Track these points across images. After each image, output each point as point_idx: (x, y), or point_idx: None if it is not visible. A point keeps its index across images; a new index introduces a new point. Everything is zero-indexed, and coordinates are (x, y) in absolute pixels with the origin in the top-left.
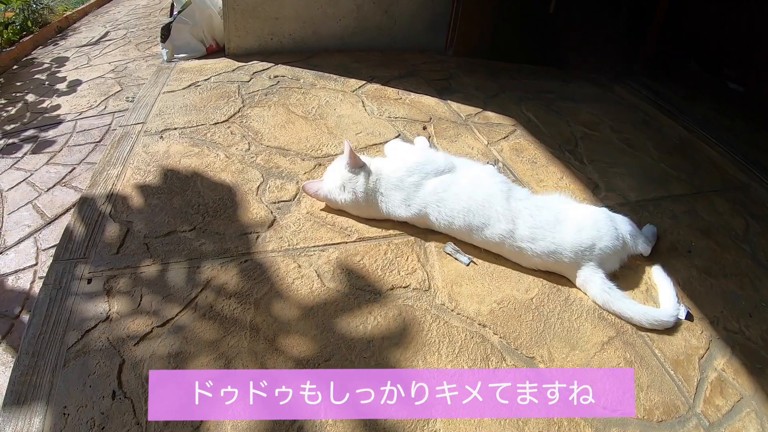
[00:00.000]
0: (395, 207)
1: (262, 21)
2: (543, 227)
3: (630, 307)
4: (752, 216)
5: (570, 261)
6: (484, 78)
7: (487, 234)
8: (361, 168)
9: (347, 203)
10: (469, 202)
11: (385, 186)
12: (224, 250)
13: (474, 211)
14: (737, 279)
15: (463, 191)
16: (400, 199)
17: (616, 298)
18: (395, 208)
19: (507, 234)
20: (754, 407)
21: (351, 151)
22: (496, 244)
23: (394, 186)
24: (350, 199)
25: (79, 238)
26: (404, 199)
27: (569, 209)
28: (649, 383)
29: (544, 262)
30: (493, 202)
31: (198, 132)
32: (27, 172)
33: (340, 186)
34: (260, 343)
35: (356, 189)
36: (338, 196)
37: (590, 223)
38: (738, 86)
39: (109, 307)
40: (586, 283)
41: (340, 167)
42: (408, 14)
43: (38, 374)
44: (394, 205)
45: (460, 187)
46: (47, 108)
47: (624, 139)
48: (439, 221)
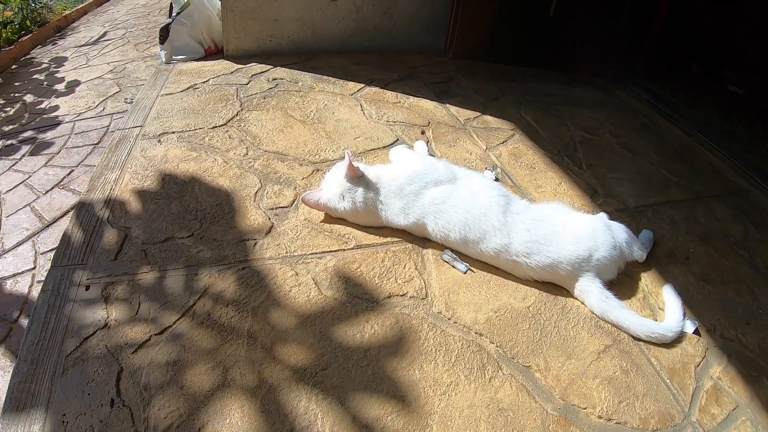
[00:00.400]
0: (394, 215)
1: (261, 23)
2: (539, 241)
3: (627, 318)
4: (752, 222)
5: (567, 273)
6: (484, 81)
7: (483, 248)
8: (359, 178)
9: (347, 212)
10: (465, 215)
11: (384, 194)
12: (222, 257)
13: (470, 225)
14: (735, 286)
15: (461, 203)
16: (399, 207)
17: (613, 308)
18: (394, 216)
19: (502, 248)
20: (750, 416)
21: (350, 164)
22: (491, 257)
23: (393, 194)
24: (350, 208)
25: (77, 244)
26: (403, 208)
27: (567, 220)
28: (644, 392)
29: (540, 274)
30: (490, 215)
31: (196, 136)
32: (25, 174)
33: (339, 195)
34: (258, 352)
35: (355, 198)
36: (338, 204)
37: (587, 233)
38: (738, 89)
39: (108, 315)
40: (584, 293)
41: (339, 176)
42: (407, 16)
43: (37, 381)
44: (393, 213)
45: (459, 198)
46: (45, 109)
47: (624, 143)
48: (435, 232)
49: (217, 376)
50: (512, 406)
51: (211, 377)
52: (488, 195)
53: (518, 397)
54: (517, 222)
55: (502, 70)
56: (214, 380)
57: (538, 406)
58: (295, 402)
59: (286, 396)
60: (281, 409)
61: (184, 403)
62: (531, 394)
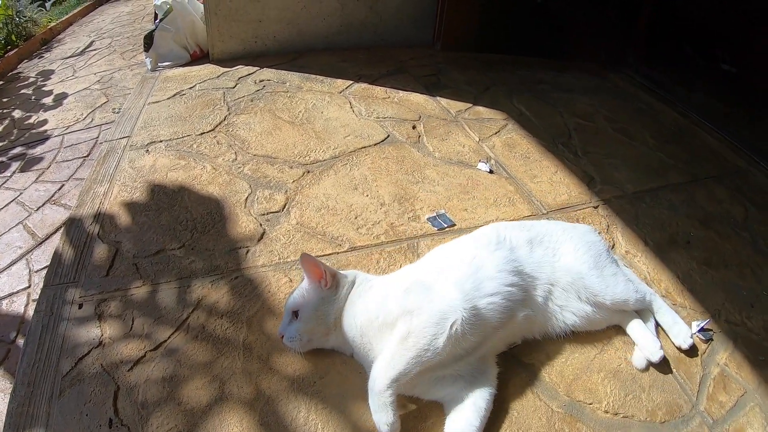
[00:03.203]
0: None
1: (245, 24)
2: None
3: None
4: (752, 203)
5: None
6: (474, 72)
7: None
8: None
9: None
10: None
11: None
12: (214, 267)
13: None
14: (738, 269)
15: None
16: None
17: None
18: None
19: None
20: (758, 401)
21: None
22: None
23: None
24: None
25: (69, 262)
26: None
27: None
28: (651, 383)
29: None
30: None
31: (184, 143)
32: (16, 192)
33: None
34: (254, 363)
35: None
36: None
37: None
38: (731, 67)
39: (102, 332)
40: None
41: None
42: (393, 9)
43: (35, 404)
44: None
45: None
46: (34, 124)
47: (619, 128)
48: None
49: (214, 390)
50: (516, 405)
51: (208, 391)
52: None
53: (522, 395)
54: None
55: (493, 59)
56: (212, 394)
57: (543, 404)
58: (295, 413)
59: (285, 407)
60: (280, 420)
61: (182, 419)
62: (535, 392)
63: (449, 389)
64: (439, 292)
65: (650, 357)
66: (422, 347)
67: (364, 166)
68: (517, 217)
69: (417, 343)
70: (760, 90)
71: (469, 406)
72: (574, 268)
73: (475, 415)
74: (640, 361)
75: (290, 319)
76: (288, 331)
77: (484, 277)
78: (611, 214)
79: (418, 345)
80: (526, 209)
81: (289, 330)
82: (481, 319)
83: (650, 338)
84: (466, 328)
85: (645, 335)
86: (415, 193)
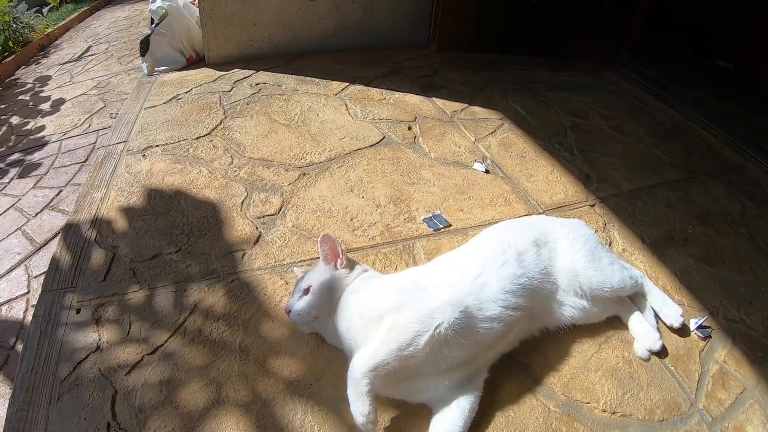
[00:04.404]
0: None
1: (241, 27)
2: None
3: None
4: (749, 198)
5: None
6: (469, 72)
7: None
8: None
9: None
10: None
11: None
12: (210, 271)
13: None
14: (736, 265)
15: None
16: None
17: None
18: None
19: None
20: (758, 398)
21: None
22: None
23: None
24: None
25: (66, 267)
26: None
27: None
28: (649, 381)
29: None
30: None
31: (180, 148)
32: (14, 198)
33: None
34: (250, 366)
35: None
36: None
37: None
38: (727, 63)
39: (99, 337)
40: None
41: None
42: (388, 10)
43: (34, 409)
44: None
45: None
46: (32, 129)
47: (615, 126)
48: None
49: (211, 394)
50: (513, 405)
51: (205, 395)
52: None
53: (519, 395)
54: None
55: (488, 59)
56: (209, 398)
57: (540, 403)
58: (291, 415)
59: (282, 409)
60: (277, 423)
61: (179, 422)
62: (532, 392)
63: (435, 393)
64: (433, 294)
65: (651, 347)
66: (404, 341)
67: (360, 167)
68: (513, 217)
69: (400, 336)
70: (756, 85)
71: (455, 407)
72: (572, 265)
73: (460, 416)
74: (641, 351)
75: (300, 296)
76: (296, 305)
77: (486, 298)
78: (608, 212)
79: (400, 338)
80: (523, 209)
81: (298, 305)
82: (473, 337)
83: (649, 328)
84: (450, 334)
85: (644, 326)
86: (410, 194)
